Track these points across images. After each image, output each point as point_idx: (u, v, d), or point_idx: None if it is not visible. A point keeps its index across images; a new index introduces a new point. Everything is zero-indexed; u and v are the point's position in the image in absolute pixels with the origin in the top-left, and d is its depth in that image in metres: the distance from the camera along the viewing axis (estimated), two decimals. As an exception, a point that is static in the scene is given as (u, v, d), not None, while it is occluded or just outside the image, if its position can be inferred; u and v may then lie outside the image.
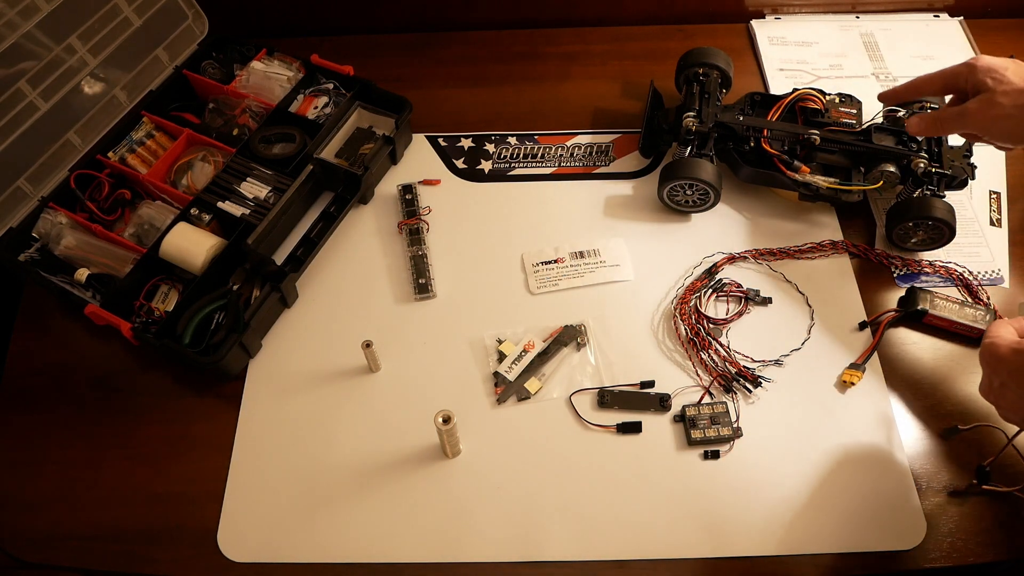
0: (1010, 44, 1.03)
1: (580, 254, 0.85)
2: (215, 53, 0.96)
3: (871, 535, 0.68)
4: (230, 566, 0.67)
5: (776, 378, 0.76)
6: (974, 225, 0.86)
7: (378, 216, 0.89)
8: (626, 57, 1.04)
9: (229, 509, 0.70)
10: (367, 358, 0.75)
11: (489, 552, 0.68)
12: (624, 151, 0.94)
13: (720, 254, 0.84)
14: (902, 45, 1.05)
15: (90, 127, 0.86)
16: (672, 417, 0.74)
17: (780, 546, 0.67)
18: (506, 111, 0.98)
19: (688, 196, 0.85)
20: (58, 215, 0.81)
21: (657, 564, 0.67)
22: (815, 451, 0.72)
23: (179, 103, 0.93)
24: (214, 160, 0.86)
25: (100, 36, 0.85)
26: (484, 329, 0.79)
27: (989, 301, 0.80)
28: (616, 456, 0.72)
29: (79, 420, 0.76)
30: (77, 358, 0.79)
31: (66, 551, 0.69)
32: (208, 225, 0.81)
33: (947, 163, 0.80)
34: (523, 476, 0.71)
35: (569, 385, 0.76)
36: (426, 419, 0.68)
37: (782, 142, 0.84)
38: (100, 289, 0.78)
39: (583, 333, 0.78)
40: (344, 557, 0.68)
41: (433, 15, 1.07)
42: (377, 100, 0.92)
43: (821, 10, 1.09)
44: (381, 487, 0.71)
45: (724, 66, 0.90)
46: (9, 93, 0.78)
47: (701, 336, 0.78)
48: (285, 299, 0.80)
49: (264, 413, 0.75)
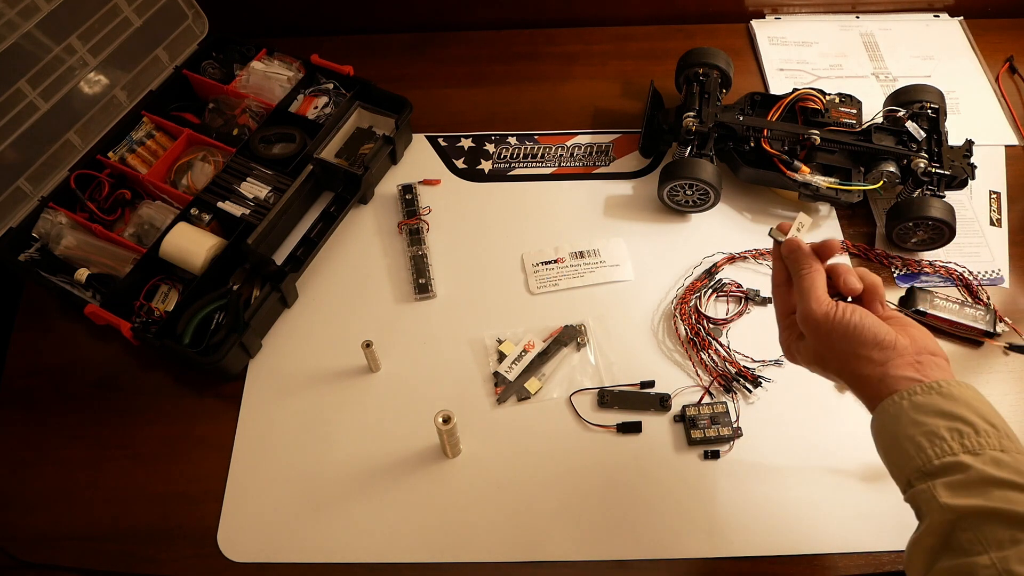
0: (1010, 44, 1.03)
1: (580, 254, 0.85)
2: (215, 53, 0.96)
3: (871, 535, 0.68)
4: (230, 566, 0.67)
5: (776, 378, 0.76)
6: (974, 225, 0.86)
7: (378, 216, 0.89)
8: (626, 57, 1.04)
9: (229, 509, 0.70)
10: (367, 358, 0.75)
11: (489, 552, 0.68)
12: (624, 151, 0.94)
13: (720, 254, 0.84)
14: (902, 45, 1.05)
15: (90, 127, 0.86)
16: (672, 417, 0.74)
17: (780, 546, 0.67)
18: (506, 111, 0.98)
19: (688, 196, 0.85)
20: (58, 215, 0.81)
21: (657, 564, 0.67)
22: (815, 451, 0.72)
23: (179, 103, 0.93)
24: (214, 160, 0.86)
25: (100, 36, 0.85)
26: (484, 329, 0.79)
27: (989, 301, 0.80)
28: (616, 456, 0.72)
29: (79, 420, 0.76)
30: (77, 358, 0.79)
31: (66, 551, 0.69)
32: (208, 225, 0.81)
33: (947, 163, 0.80)
34: (523, 476, 0.71)
35: (569, 385, 0.76)
36: (426, 419, 0.68)
37: (782, 142, 0.84)
38: (100, 289, 0.78)
39: (583, 333, 0.78)
40: (344, 557, 0.68)
41: (433, 15, 1.07)
42: (377, 100, 0.92)
43: (821, 10, 1.09)
44: (381, 487, 0.71)
45: (724, 66, 0.90)
46: (9, 93, 0.78)
47: (701, 336, 0.78)
48: (285, 299, 0.80)
49: (264, 413, 0.75)
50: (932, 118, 0.84)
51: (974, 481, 0.44)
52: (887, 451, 0.50)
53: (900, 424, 0.48)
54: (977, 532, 0.42)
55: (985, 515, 0.43)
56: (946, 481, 0.45)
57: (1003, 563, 0.41)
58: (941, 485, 0.45)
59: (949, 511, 0.44)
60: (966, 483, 0.44)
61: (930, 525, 0.45)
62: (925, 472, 0.46)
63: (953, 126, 0.85)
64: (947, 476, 0.45)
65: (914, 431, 0.47)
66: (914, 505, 0.47)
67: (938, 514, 0.44)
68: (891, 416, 0.49)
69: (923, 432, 0.46)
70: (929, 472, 0.46)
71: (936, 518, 0.44)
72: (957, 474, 0.44)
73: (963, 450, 0.45)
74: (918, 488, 0.46)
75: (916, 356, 0.50)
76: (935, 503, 0.44)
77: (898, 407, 0.48)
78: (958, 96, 0.98)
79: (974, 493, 0.43)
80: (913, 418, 0.47)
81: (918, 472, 0.46)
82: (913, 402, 0.48)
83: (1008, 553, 0.41)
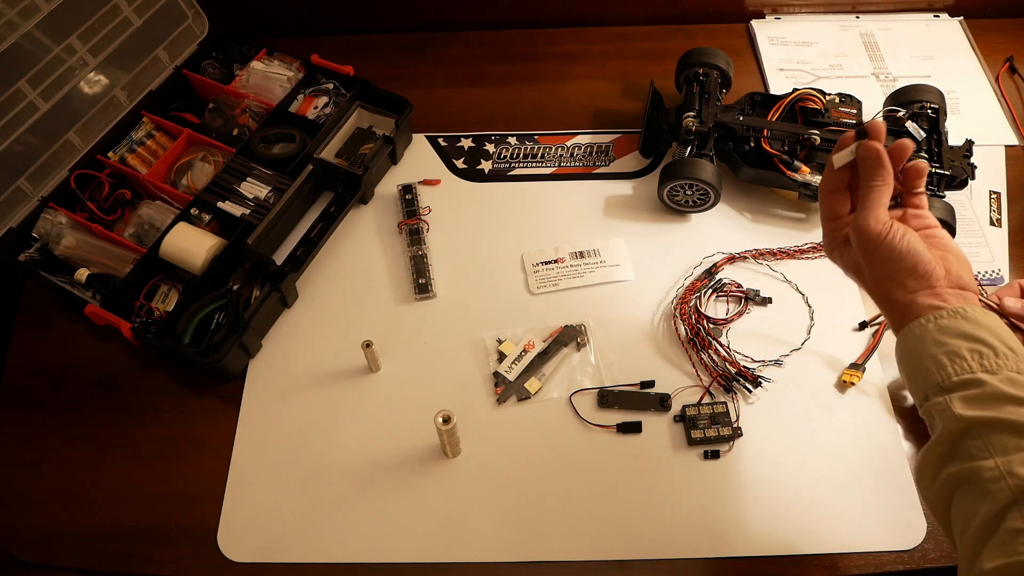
0: (1010, 44, 1.03)
1: (580, 254, 0.85)
2: (215, 53, 0.96)
3: (871, 535, 0.68)
4: (230, 566, 0.67)
5: (776, 378, 0.76)
6: (974, 225, 0.86)
7: (378, 216, 0.89)
8: (626, 57, 1.04)
9: (229, 509, 0.70)
10: (367, 358, 0.75)
11: (489, 552, 0.68)
12: (624, 151, 0.94)
13: (720, 254, 0.84)
14: (902, 45, 1.05)
15: (90, 127, 0.86)
16: (672, 417, 0.74)
17: (780, 546, 0.67)
18: (506, 111, 0.98)
19: (688, 196, 0.85)
20: (58, 215, 0.81)
21: (657, 564, 0.67)
22: (815, 451, 0.72)
23: (179, 103, 0.93)
24: (214, 160, 0.86)
25: (100, 36, 0.85)
26: (484, 329, 0.79)
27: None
28: (616, 456, 0.72)
29: (79, 420, 0.76)
30: (77, 358, 0.79)
31: (66, 551, 0.69)
32: (208, 225, 0.81)
33: (947, 163, 0.80)
34: (523, 476, 0.71)
35: (569, 385, 0.76)
36: (426, 419, 0.68)
37: (782, 142, 0.84)
38: (100, 289, 0.78)
39: (583, 333, 0.78)
40: (344, 557, 0.68)
41: (433, 15, 1.07)
42: (377, 100, 0.92)
43: (821, 10, 1.09)
44: (381, 487, 0.71)
45: (724, 66, 0.90)
46: (9, 93, 0.78)
47: (701, 336, 0.78)
48: (285, 299, 0.80)
49: (264, 413, 0.75)
50: (932, 118, 0.84)
51: (988, 395, 0.46)
52: (909, 370, 0.52)
53: (924, 344, 0.50)
54: (985, 439, 0.45)
55: (994, 425, 0.45)
56: (962, 395, 0.47)
57: (1007, 466, 0.43)
58: (957, 398, 0.47)
59: (962, 421, 0.46)
60: (980, 397, 0.46)
61: (941, 434, 0.48)
62: (943, 387, 0.48)
63: (953, 126, 0.85)
64: (964, 391, 0.47)
65: (937, 350, 0.49)
66: (928, 418, 0.50)
67: (951, 423, 0.47)
68: (916, 337, 0.51)
69: (945, 352, 0.49)
70: (947, 387, 0.48)
71: (948, 427, 0.47)
72: (973, 389, 0.47)
73: (981, 369, 0.47)
74: (934, 401, 0.49)
75: (948, 288, 0.52)
76: (949, 413, 0.47)
77: (923, 329, 0.51)
78: (958, 96, 0.98)
79: (987, 406, 0.46)
80: (937, 339, 0.50)
81: (936, 387, 0.49)
82: (938, 325, 0.50)
83: (1012, 458, 0.44)
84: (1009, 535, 0.42)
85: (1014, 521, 0.42)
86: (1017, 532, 0.41)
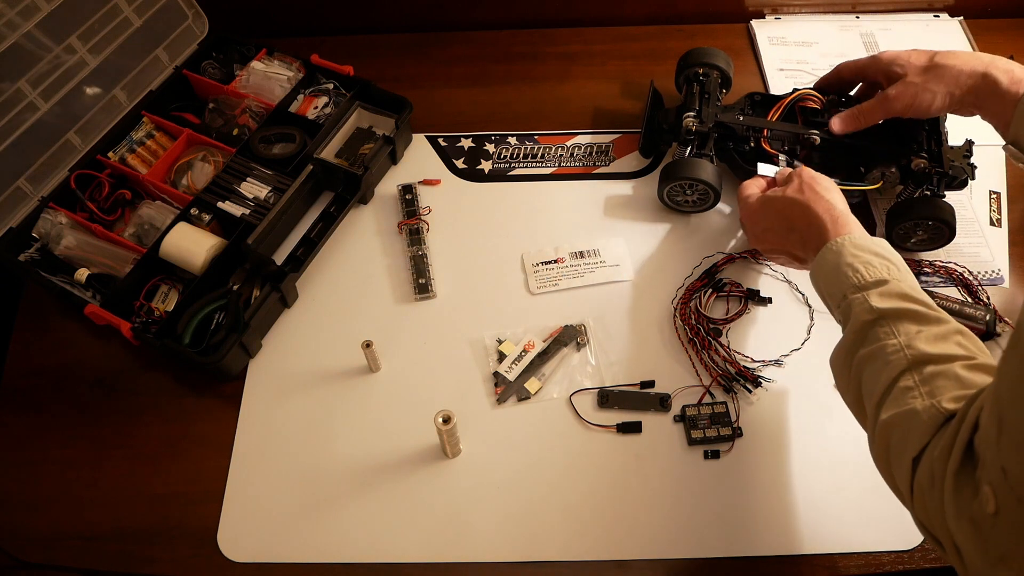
0: (1010, 44, 1.03)
1: (580, 254, 0.85)
2: (215, 53, 0.96)
3: (871, 535, 0.68)
4: (230, 566, 0.67)
5: (776, 378, 0.76)
6: (974, 225, 0.86)
7: (378, 216, 0.89)
8: (626, 57, 1.04)
9: (229, 509, 0.70)
10: (367, 358, 0.75)
11: (489, 552, 0.68)
12: (624, 151, 0.94)
13: (720, 254, 0.84)
14: (902, 45, 1.03)
15: (90, 127, 0.86)
16: (672, 417, 0.74)
17: (780, 546, 0.67)
18: (506, 111, 0.98)
19: (688, 196, 0.85)
20: (58, 215, 0.81)
21: (657, 564, 0.67)
22: (815, 451, 0.72)
23: (179, 103, 0.93)
24: (214, 160, 0.86)
25: (100, 36, 0.85)
26: (484, 329, 0.79)
27: (989, 301, 0.80)
28: (616, 456, 0.72)
29: (79, 420, 0.76)
30: (77, 358, 0.79)
31: (66, 551, 0.69)
32: (208, 225, 0.81)
33: (947, 163, 0.80)
34: (523, 476, 0.71)
35: (569, 385, 0.76)
36: (426, 419, 0.68)
37: (782, 142, 0.84)
38: (100, 289, 0.78)
39: (583, 333, 0.78)
40: (344, 557, 0.68)
41: (433, 15, 1.07)
42: (377, 100, 0.92)
43: (821, 10, 1.09)
44: (381, 487, 0.71)
45: (724, 66, 0.90)
46: (9, 93, 0.78)
47: (701, 336, 0.78)
48: (285, 299, 0.80)
49: (264, 413, 0.75)
50: (932, 118, 0.83)
51: (895, 292, 0.56)
52: (827, 279, 0.62)
53: (842, 256, 0.61)
54: (892, 326, 0.54)
55: (901, 314, 0.55)
56: (877, 291, 0.57)
57: (907, 342, 0.53)
58: (874, 294, 0.57)
59: (875, 312, 0.55)
60: (890, 292, 0.56)
61: (854, 324, 0.57)
62: (859, 287, 0.58)
63: (953, 126, 0.84)
64: (877, 288, 0.57)
65: (852, 260, 0.60)
66: (844, 315, 0.59)
67: (866, 315, 0.56)
68: (834, 252, 0.62)
69: (861, 261, 0.60)
70: (862, 286, 0.58)
71: (863, 318, 0.56)
72: (884, 287, 0.57)
73: (889, 275, 0.58)
74: (852, 298, 0.58)
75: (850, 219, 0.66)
76: (867, 304, 0.56)
77: (840, 244, 0.62)
78: (958, 96, 0.97)
79: (895, 300, 0.56)
80: (853, 252, 0.61)
81: (853, 287, 0.58)
82: (853, 241, 0.62)
83: (912, 338, 0.53)
84: (901, 392, 0.51)
85: (905, 381, 0.51)
86: (907, 389, 0.50)
